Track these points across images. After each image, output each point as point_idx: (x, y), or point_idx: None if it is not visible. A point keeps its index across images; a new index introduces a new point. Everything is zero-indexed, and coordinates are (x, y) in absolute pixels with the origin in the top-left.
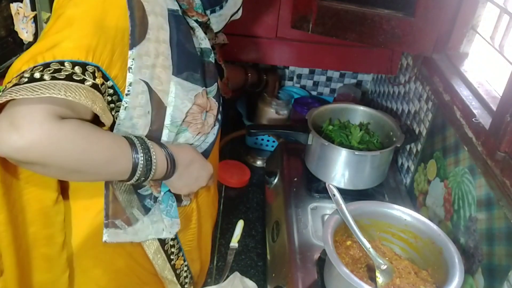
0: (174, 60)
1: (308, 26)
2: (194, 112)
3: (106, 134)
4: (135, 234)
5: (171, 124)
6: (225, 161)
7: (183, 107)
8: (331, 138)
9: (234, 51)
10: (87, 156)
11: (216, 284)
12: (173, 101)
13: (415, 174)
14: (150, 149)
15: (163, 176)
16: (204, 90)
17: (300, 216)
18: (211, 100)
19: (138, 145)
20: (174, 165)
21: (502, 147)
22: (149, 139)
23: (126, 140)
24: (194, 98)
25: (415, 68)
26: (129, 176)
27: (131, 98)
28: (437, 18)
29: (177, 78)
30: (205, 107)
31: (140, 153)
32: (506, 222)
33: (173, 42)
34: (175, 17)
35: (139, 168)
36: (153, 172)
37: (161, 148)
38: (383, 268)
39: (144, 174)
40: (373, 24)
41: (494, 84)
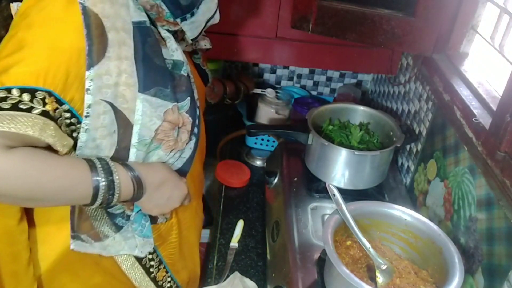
0: (140, 76)
1: (308, 26)
2: (165, 129)
3: (62, 161)
4: (104, 249)
5: (139, 143)
6: (225, 161)
7: (151, 124)
8: (331, 138)
9: (234, 51)
10: (40, 186)
11: (216, 284)
12: (140, 119)
13: (415, 174)
14: (113, 172)
15: (130, 198)
16: (175, 106)
17: (300, 216)
18: (184, 115)
19: (100, 168)
20: (141, 187)
21: (502, 147)
22: (116, 160)
23: (87, 163)
24: (164, 115)
25: (415, 68)
26: (91, 201)
27: (92, 120)
28: (437, 18)
29: (144, 95)
30: (177, 123)
31: (102, 177)
32: (506, 222)
33: (138, 57)
34: (142, 30)
35: (101, 193)
36: (116, 196)
37: (127, 170)
38: (383, 268)
39: (107, 199)
40: (373, 24)
41: (494, 84)
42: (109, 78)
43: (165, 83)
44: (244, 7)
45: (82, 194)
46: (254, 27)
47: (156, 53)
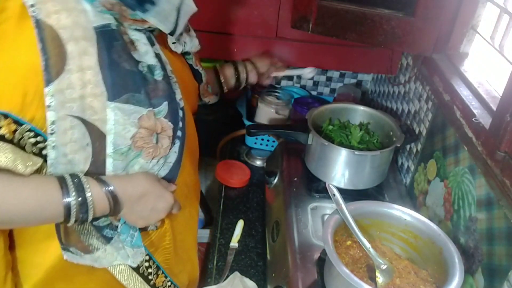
0: (107, 84)
1: (308, 26)
2: (143, 136)
3: (28, 182)
4: (95, 261)
5: (114, 153)
6: (225, 161)
7: (126, 132)
8: (331, 138)
9: (234, 51)
10: (5, 209)
11: (216, 284)
12: (112, 128)
13: (415, 174)
14: (86, 190)
15: (107, 214)
16: (150, 112)
17: (300, 216)
18: (162, 120)
19: (71, 186)
20: (117, 202)
21: (502, 147)
22: (93, 173)
23: (57, 181)
24: (139, 121)
25: (415, 68)
26: (64, 219)
27: (58, 136)
28: (437, 18)
29: (114, 103)
30: (154, 129)
31: (73, 196)
32: (506, 222)
33: (104, 65)
34: (106, 34)
35: (73, 212)
36: (91, 213)
37: (101, 185)
38: (383, 268)
39: (81, 216)
40: (373, 24)
41: (494, 84)
42: (72, 91)
43: (137, 88)
44: (244, 7)
45: (53, 213)
46: (254, 27)
47: (124, 57)
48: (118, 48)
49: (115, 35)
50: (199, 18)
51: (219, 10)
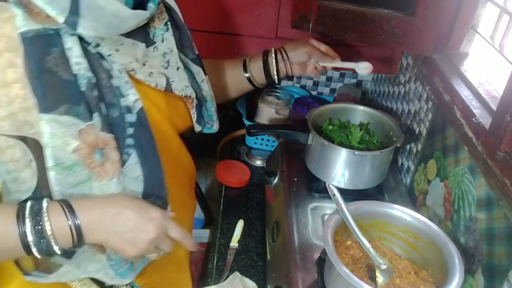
0: (38, 95)
1: (308, 26)
2: (86, 153)
3: None
4: (60, 277)
5: (56, 166)
6: (225, 161)
7: (65, 146)
8: (331, 138)
9: (234, 51)
10: None
11: (216, 284)
12: (49, 142)
13: (415, 174)
14: (43, 218)
15: (76, 245)
16: (90, 125)
17: (300, 216)
18: (99, 134)
19: (27, 215)
20: (79, 233)
21: (502, 147)
22: (42, 188)
23: (14, 212)
24: (79, 135)
25: (415, 68)
26: (27, 253)
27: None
28: (437, 18)
29: (49, 115)
30: (96, 144)
31: (28, 225)
32: (506, 222)
33: (34, 75)
34: (41, 39)
35: (31, 243)
36: (54, 245)
37: (65, 215)
38: (383, 268)
39: (44, 249)
40: (373, 24)
41: (494, 84)
42: (0, 110)
43: (76, 100)
44: (244, 7)
45: (11, 245)
46: (254, 27)
47: (63, 65)
48: (56, 55)
49: (53, 41)
50: (199, 18)
51: (219, 10)
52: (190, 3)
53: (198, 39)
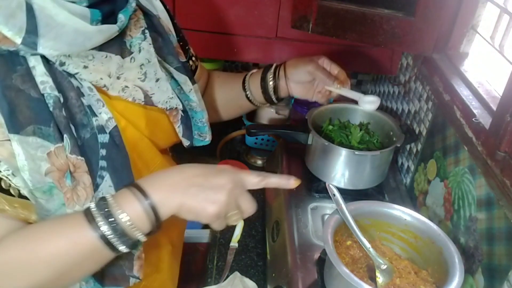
0: (5, 113)
1: (308, 26)
2: (58, 176)
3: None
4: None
5: (35, 190)
6: (225, 161)
7: (38, 168)
8: (331, 138)
9: (234, 51)
10: (44, 268)
11: (216, 284)
12: (25, 164)
13: (415, 174)
14: (116, 213)
15: (155, 225)
16: (59, 148)
17: (300, 216)
18: (70, 157)
19: (97, 216)
20: (155, 212)
21: (502, 147)
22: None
23: (83, 215)
24: (48, 158)
25: (415, 68)
26: (116, 252)
27: None
28: (437, 18)
29: (18, 135)
30: (64, 169)
31: (104, 227)
32: (506, 222)
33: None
34: (4, 57)
35: (116, 242)
36: (137, 234)
37: (138, 201)
38: (383, 268)
39: (129, 242)
40: (373, 24)
41: (494, 84)
42: None
43: (45, 120)
44: (244, 7)
45: (98, 253)
46: (254, 27)
47: (30, 83)
48: (22, 73)
49: (16, 59)
50: (199, 18)
51: (219, 10)
52: (190, 3)
53: (198, 39)
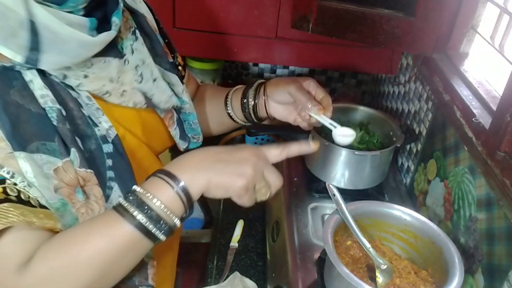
0: (8, 131)
1: (308, 26)
2: (68, 192)
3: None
4: None
5: (49, 206)
6: None
7: (48, 185)
8: (331, 138)
9: (234, 51)
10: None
11: (216, 284)
12: (35, 181)
13: (415, 174)
14: (148, 202)
15: (187, 207)
16: (67, 162)
17: (300, 216)
18: (79, 171)
19: (129, 208)
20: (187, 195)
21: (502, 147)
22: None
23: (115, 212)
24: (56, 174)
25: (415, 68)
26: (154, 240)
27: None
28: (437, 18)
29: (24, 152)
30: (74, 184)
31: (138, 216)
32: (506, 222)
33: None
34: (1, 74)
35: (153, 229)
36: (174, 218)
37: (168, 186)
38: (383, 268)
39: (166, 228)
40: (373, 24)
41: (494, 84)
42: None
43: (49, 135)
44: (244, 7)
45: (135, 242)
46: (254, 27)
47: (29, 98)
48: (19, 88)
49: (11, 74)
50: (199, 18)
51: (219, 10)
52: (190, 3)
53: (198, 39)
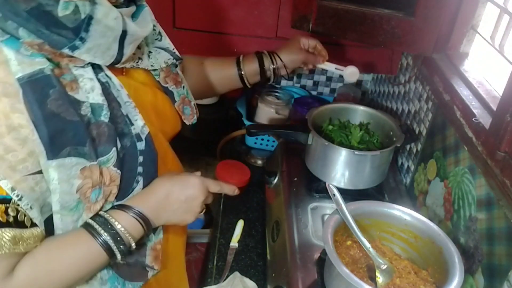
0: (45, 142)
1: (308, 26)
2: (84, 192)
3: (63, 246)
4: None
5: (61, 209)
6: (225, 161)
7: (71, 187)
8: (331, 138)
9: (234, 51)
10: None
11: (216, 284)
12: (57, 187)
13: (415, 174)
14: (113, 224)
15: (143, 234)
16: (94, 165)
17: (300, 216)
18: (111, 170)
19: (98, 228)
20: (147, 220)
21: (502, 147)
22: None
23: (85, 230)
24: (81, 173)
25: (415, 68)
26: (110, 258)
27: (28, 197)
28: (437, 18)
29: (56, 160)
30: (97, 183)
31: (104, 235)
32: (506, 222)
33: (38, 120)
34: (37, 83)
35: (114, 248)
36: (131, 241)
37: (127, 212)
38: (383, 268)
39: (123, 248)
40: (373, 24)
41: (494, 84)
42: (16, 153)
43: (81, 140)
44: (244, 7)
45: (97, 258)
46: (254, 27)
47: (64, 106)
48: (56, 96)
49: (50, 82)
50: (199, 18)
51: (219, 10)
52: (190, 3)
53: (198, 39)
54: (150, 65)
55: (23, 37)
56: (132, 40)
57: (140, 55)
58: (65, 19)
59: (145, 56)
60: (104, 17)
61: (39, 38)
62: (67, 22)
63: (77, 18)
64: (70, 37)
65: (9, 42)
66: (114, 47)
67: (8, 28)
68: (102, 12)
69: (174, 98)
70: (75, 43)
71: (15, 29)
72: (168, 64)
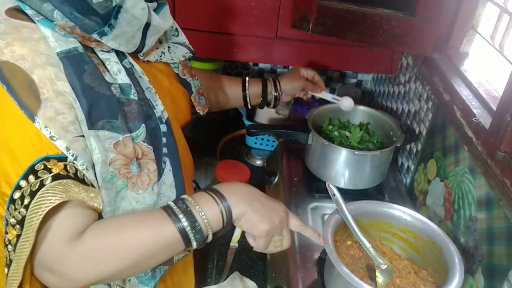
0: (85, 111)
1: (308, 25)
2: (121, 164)
3: (136, 221)
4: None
5: (103, 182)
6: (225, 161)
7: (106, 159)
8: (331, 138)
9: (234, 51)
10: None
11: (216, 284)
12: (99, 157)
13: (415, 174)
14: (196, 211)
15: (225, 226)
16: (127, 138)
17: (300, 215)
18: (141, 145)
19: (179, 213)
20: (230, 215)
21: (502, 147)
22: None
23: (164, 212)
24: (115, 147)
25: (415, 68)
26: (186, 246)
27: (82, 158)
28: (437, 18)
29: (94, 131)
30: (131, 156)
31: (183, 221)
32: (506, 222)
33: (78, 91)
34: (73, 58)
35: (190, 235)
36: (209, 232)
37: (215, 201)
38: (383, 268)
39: (201, 238)
40: (373, 24)
41: (494, 84)
42: (66, 115)
43: (113, 114)
44: (244, 7)
45: (173, 243)
46: (254, 27)
47: (98, 81)
48: (90, 71)
49: (84, 58)
50: (199, 18)
51: (219, 10)
52: (190, 3)
53: (198, 39)
54: (170, 58)
55: (57, 19)
56: (154, 32)
57: (163, 49)
58: (98, 5)
59: (165, 50)
60: (132, 6)
61: (72, 21)
62: (98, 9)
63: (108, 5)
64: (100, 23)
65: (44, 22)
66: (138, 36)
67: (43, 10)
68: (131, 2)
69: (191, 90)
70: (104, 29)
71: (50, 11)
72: (186, 58)
